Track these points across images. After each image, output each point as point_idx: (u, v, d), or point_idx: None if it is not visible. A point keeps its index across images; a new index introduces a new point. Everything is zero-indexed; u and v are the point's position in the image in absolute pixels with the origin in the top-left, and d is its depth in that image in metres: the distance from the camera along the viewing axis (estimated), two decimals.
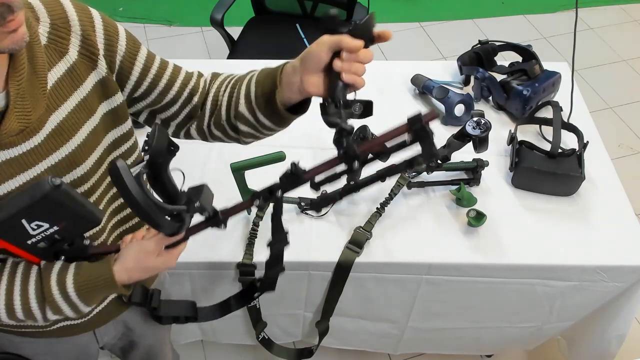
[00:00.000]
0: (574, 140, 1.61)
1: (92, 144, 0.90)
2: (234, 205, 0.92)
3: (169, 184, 0.84)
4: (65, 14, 0.83)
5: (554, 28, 3.43)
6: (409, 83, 1.85)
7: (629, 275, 1.45)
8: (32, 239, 0.83)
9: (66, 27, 0.83)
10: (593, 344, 1.63)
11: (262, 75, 0.91)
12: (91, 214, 0.86)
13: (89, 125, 0.88)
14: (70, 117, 0.84)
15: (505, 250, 1.43)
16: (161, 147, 0.79)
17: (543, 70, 1.75)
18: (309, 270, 1.44)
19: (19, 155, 0.80)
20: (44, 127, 0.81)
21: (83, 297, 0.90)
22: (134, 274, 0.92)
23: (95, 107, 0.89)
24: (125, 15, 3.47)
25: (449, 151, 1.49)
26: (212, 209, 0.89)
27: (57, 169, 0.86)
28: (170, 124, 1.02)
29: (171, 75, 0.97)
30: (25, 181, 0.82)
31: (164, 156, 0.81)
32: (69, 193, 0.80)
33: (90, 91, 0.87)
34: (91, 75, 0.86)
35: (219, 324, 1.68)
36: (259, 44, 2.49)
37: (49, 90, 0.81)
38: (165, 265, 0.94)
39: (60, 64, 0.82)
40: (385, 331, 1.68)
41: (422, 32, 3.48)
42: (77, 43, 0.84)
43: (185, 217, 0.86)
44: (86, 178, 0.91)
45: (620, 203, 1.55)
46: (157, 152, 0.79)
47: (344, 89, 0.79)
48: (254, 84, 0.91)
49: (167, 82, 0.96)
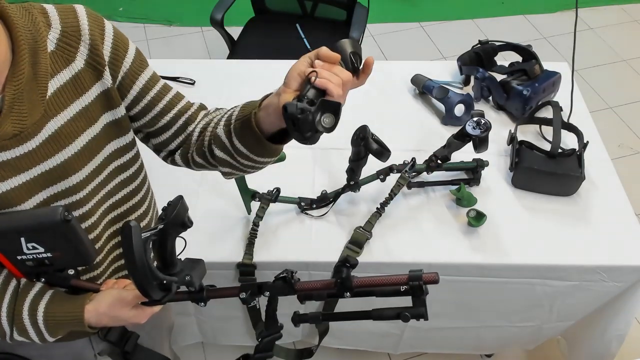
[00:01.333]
0: (574, 140, 1.61)
1: (91, 153, 0.90)
2: (220, 289, 0.96)
3: (170, 253, 0.85)
4: (77, 23, 0.83)
5: (554, 28, 3.43)
6: (409, 83, 1.85)
7: (629, 275, 1.45)
8: (23, 256, 0.85)
9: (76, 36, 0.83)
10: (593, 344, 1.63)
11: (247, 102, 0.93)
12: (87, 254, 0.89)
13: (88, 134, 0.88)
14: (68, 124, 0.84)
15: (505, 250, 1.43)
16: (178, 221, 0.81)
17: (543, 70, 1.75)
18: (309, 270, 1.44)
19: (12, 159, 0.80)
20: (40, 132, 0.81)
21: (49, 327, 0.92)
22: (103, 319, 0.94)
23: (97, 116, 0.88)
24: (125, 15, 3.47)
25: (449, 151, 1.49)
26: (200, 285, 0.91)
27: (51, 175, 0.85)
28: (162, 150, 1.04)
29: (170, 101, 0.97)
30: (18, 184, 0.82)
31: (177, 229, 0.83)
32: (75, 230, 0.82)
33: (93, 100, 0.87)
34: (96, 85, 0.87)
35: (219, 326, 1.68)
36: (259, 44, 2.49)
37: (50, 96, 0.81)
38: (134, 320, 0.95)
39: (65, 71, 0.83)
40: (386, 331, 1.68)
41: (422, 32, 3.48)
42: (85, 52, 0.84)
43: (172, 287, 0.85)
44: (80, 186, 0.90)
45: (620, 203, 1.55)
46: (173, 225, 0.81)
47: (313, 91, 0.77)
48: (237, 109, 0.93)
49: (164, 106, 0.97)
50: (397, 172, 1.47)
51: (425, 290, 0.82)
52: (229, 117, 0.93)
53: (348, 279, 0.85)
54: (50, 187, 0.87)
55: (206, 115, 1.02)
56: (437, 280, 0.82)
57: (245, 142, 0.89)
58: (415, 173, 1.53)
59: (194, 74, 1.87)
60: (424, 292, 0.82)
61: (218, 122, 0.94)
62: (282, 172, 1.39)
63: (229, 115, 0.93)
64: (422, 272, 0.82)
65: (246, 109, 0.91)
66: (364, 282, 0.86)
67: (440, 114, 1.77)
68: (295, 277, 0.89)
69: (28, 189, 0.84)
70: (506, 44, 1.85)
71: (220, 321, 1.66)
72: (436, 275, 0.81)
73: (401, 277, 0.83)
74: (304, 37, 2.47)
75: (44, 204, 0.87)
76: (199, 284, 0.91)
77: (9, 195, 0.82)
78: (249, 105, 0.91)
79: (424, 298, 0.82)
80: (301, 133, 0.73)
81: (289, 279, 0.89)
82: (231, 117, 0.92)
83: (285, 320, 1.68)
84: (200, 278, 0.91)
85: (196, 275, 0.89)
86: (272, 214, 1.49)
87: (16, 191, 0.82)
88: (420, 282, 0.82)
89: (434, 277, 0.82)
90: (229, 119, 0.92)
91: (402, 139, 1.68)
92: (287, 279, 0.89)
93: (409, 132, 1.72)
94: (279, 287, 0.91)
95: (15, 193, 0.82)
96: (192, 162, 1.02)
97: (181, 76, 1.86)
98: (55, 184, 0.87)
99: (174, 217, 0.80)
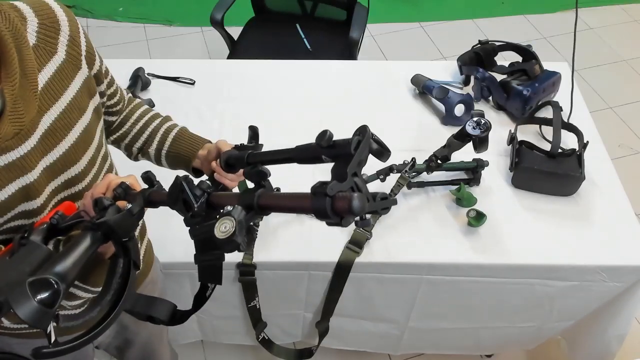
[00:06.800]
0: (574, 140, 1.61)
1: (86, 142, 0.91)
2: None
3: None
4: (54, 14, 0.84)
5: (554, 28, 3.43)
6: (409, 83, 1.85)
7: (629, 275, 1.45)
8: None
9: (55, 27, 0.84)
10: (593, 344, 1.63)
11: (177, 135, 1.11)
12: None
13: (82, 124, 0.89)
14: (62, 116, 0.85)
15: (505, 250, 1.43)
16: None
17: (543, 70, 1.75)
18: (309, 270, 1.44)
19: (17, 159, 0.80)
20: (37, 128, 0.82)
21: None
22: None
23: (85, 105, 0.90)
24: (125, 15, 3.47)
25: (449, 151, 1.49)
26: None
27: (54, 169, 0.87)
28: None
29: (122, 91, 1.11)
30: (25, 184, 0.83)
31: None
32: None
33: (79, 90, 0.88)
34: (78, 75, 0.88)
35: (219, 324, 1.68)
36: (259, 44, 2.49)
37: (40, 91, 0.81)
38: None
39: (49, 64, 0.83)
40: (386, 331, 1.68)
41: (422, 32, 3.48)
42: (64, 43, 0.85)
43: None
44: (82, 176, 0.92)
45: (620, 203, 1.55)
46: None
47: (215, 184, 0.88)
48: (169, 139, 1.11)
49: (119, 96, 1.09)
50: (397, 172, 1.47)
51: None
52: (160, 143, 1.11)
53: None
54: (57, 177, 0.88)
55: (142, 116, 1.13)
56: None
57: (174, 167, 1.12)
58: (415, 173, 1.53)
59: (194, 74, 1.87)
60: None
61: (149, 140, 1.11)
62: (282, 172, 1.39)
63: (161, 140, 1.11)
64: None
65: (181, 147, 1.09)
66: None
67: (440, 114, 1.77)
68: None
69: (38, 184, 0.84)
70: (506, 44, 1.85)
71: (220, 320, 1.65)
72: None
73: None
74: (304, 37, 2.47)
75: (54, 194, 0.89)
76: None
77: (20, 194, 0.83)
78: (182, 142, 1.09)
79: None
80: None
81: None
82: (163, 144, 1.10)
83: (285, 321, 1.69)
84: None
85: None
86: (272, 214, 1.49)
87: (26, 189, 0.83)
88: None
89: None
90: (160, 145, 1.11)
91: (402, 139, 1.68)
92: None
93: (409, 132, 1.72)
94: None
95: (26, 191, 0.83)
96: (122, 147, 1.15)
97: (181, 76, 1.86)
98: (60, 174, 0.88)
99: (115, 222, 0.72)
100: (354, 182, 0.58)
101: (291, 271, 1.44)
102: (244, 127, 0.95)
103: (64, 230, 0.79)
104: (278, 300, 1.55)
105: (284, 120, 1.72)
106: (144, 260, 1.20)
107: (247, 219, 0.62)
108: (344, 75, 1.92)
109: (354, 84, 1.89)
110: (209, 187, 0.71)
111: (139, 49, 3.23)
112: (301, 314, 1.62)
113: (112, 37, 3.30)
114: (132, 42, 3.29)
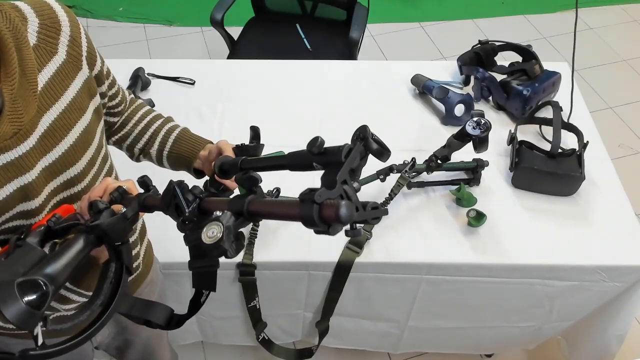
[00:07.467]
0: (574, 140, 1.61)
1: (86, 142, 0.91)
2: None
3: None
4: (55, 15, 0.84)
5: (554, 28, 3.43)
6: (409, 83, 1.85)
7: (628, 275, 1.45)
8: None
9: (56, 28, 0.84)
10: (593, 344, 1.63)
11: (180, 135, 1.11)
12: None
13: (82, 124, 0.89)
14: (62, 117, 0.85)
15: (505, 250, 1.43)
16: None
17: (543, 70, 1.75)
18: (309, 270, 1.44)
19: (15, 159, 0.80)
20: (36, 128, 0.82)
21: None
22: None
23: (85, 105, 0.90)
24: (125, 15, 3.47)
25: (449, 151, 1.49)
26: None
27: (53, 169, 0.86)
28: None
29: (123, 92, 1.11)
30: (23, 184, 0.83)
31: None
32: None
33: (79, 90, 0.88)
34: (78, 75, 0.88)
35: (219, 325, 1.68)
36: (259, 44, 2.49)
37: (40, 91, 0.81)
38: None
39: (50, 64, 0.83)
40: (386, 331, 1.68)
41: (422, 32, 3.48)
42: (65, 43, 0.85)
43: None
44: (82, 177, 0.92)
45: (620, 203, 1.55)
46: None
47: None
48: (171, 140, 1.11)
49: (121, 97, 1.09)
50: (397, 172, 1.47)
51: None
52: (161, 144, 1.11)
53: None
54: (56, 178, 0.88)
55: (143, 117, 1.14)
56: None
57: (176, 167, 1.13)
58: (415, 173, 1.53)
59: (194, 74, 1.87)
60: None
61: (150, 141, 1.12)
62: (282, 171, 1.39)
63: (162, 141, 1.11)
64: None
65: (182, 148, 1.09)
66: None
67: (440, 114, 1.77)
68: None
69: (36, 184, 0.84)
70: (506, 44, 1.85)
71: (220, 320, 1.65)
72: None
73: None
74: (304, 37, 2.47)
75: (53, 194, 0.89)
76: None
77: (19, 194, 0.83)
78: (184, 143, 1.10)
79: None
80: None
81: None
82: (164, 145, 1.11)
83: (285, 321, 1.69)
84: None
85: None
86: None
87: (25, 189, 0.83)
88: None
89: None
90: (161, 146, 1.11)
91: (402, 139, 1.68)
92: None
93: (409, 132, 1.72)
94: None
95: (24, 191, 0.83)
96: (124, 148, 1.16)
97: (181, 76, 1.86)
98: (58, 175, 0.88)
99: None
100: (344, 189, 0.57)
101: (291, 271, 1.44)
102: (244, 127, 0.96)
103: (60, 232, 0.79)
104: (278, 300, 1.55)
105: (284, 120, 1.72)
106: (144, 260, 1.20)
107: (236, 225, 0.61)
108: (344, 75, 1.92)
109: (354, 84, 1.89)
110: (201, 192, 0.71)
111: (139, 49, 3.23)
112: (301, 313, 1.62)
113: (112, 37, 3.30)
114: (132, 42, 3.30)
